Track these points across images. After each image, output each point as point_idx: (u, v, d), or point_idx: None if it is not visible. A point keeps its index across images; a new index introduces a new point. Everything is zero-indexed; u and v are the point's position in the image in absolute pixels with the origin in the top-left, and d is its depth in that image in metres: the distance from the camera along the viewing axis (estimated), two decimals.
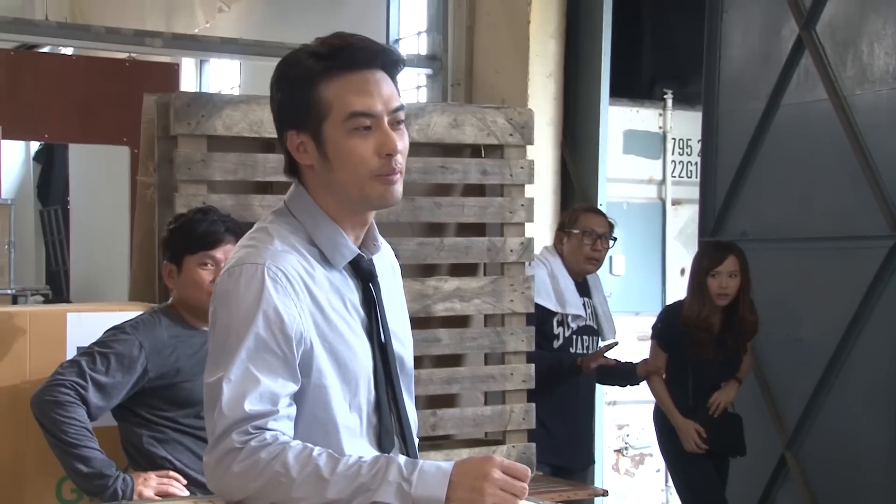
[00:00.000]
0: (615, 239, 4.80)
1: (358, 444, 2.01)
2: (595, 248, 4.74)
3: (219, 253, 3.30)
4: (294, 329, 1.95)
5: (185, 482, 3.18)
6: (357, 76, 2.01)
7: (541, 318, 4.73)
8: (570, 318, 4.83)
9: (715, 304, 4.69)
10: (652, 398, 4.98)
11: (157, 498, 3.06)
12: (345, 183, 2.01)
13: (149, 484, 3.12)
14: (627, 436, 6.88)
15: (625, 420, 6.88)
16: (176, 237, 3.38)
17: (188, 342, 3.29)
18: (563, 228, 4.85)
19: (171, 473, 3.19)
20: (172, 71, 6.97)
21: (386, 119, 2.01)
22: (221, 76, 11.23)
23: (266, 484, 1.88)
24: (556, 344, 4.86)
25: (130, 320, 3.31)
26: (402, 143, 2.03)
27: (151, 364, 3.20)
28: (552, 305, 4.77)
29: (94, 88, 6.34)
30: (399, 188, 2.05)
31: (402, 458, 1.88)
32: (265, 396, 1.92)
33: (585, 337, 4.76)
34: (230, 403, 1.92)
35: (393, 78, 2.05)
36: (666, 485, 7.10)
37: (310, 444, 1.91)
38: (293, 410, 1.96)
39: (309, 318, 1.98)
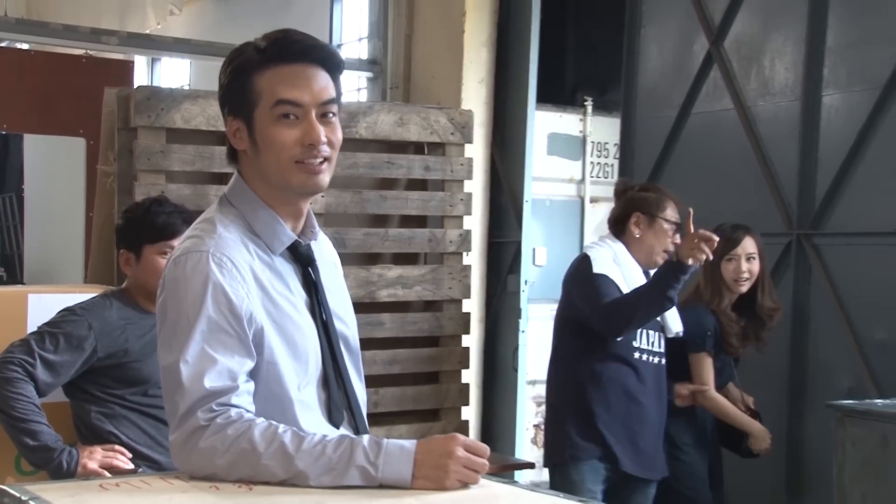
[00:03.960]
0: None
1: (311, 417, 1.98)
2: (674, 241, 3.83)
3: (176, 242, 3.21)
4: (244, 309, 1.91)
5: (129, 455, 3.14)
6: (290, 68, 1.97)
7: (611, 293, 3.75)
8: None
9: (732, 292, 4.01)
10: None
11: (100, 470, 3.03)
12: (270, 169, 1.98)
13: (94, 457, 3.07)
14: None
15: (542, 397, 6.95)
16: (134, 227, 3.32)
17: (138, 324, 3.24)
18: (649, 212, 3.83)
19: (116, 447, 3.14)
20: (127, 68, 6.86)
21: (314, 111, 1.97)
22: (172, 74, 11.15)
23: (234, 460, 1.83)
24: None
25: (82, 303, 3.26)
26: (333, 135, 2.00)
27: (100, 344, 3.16)
28: (623, 286, 3.79)
29: (52, 83, 6.23)
30: (324, 178, 2.01)
31: (366, 440, 1.84)
32: (224, 373, 1.87)
33: (651, 332, 3.84)
34: (190, 382, 1.86)
35: (332, 75, 2.02)
36: None
37: (274, 422, 1.86)
38: (252, 386, 1.92)
39: (257, 300, 1.95)
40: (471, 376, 5.80)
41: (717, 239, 3.49)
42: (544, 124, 7.07)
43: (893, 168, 4.27)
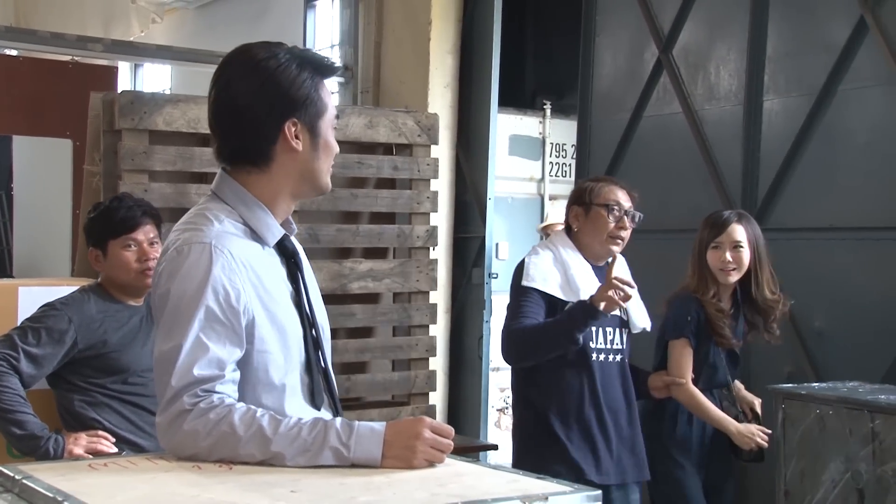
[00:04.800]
0: (640, 215, 3.50)
1: (296, 401, 2.00)
2: (620, 226, 3.44)
3: (139, 234, 3.26)
4: (241, 301, 1.93)
5: (113, 440, 3.14)
6: (326, 82, 2.09)
7: (548, 309, 3.40)
8: None
9: (719, 282, 3.61)
10: None
11: (86, 455, 3.01)
12: (319, 171, 2.06)
13: (79, 443, 3.07)
14: (508, 397, 6.96)
15: (505, 384, 6.98)
16: (97, 225, 3.31)
17: (115, 316, 3.23)
18: (582, 202, 3.48)
19: (100, 433, 3.13)
20: (111, 73, 6.87)
21: None
22: (154, 79, 11.11)
23: (215, 442, 1.84)
24: None
25: (61, 298, 3.25)
26: None
27: (80, 337, 3.15)
28: (561, 293, 3.39)
29: (40, 87, 6.22)
30: None
31: (338, 422, 1.85)
32: (213, 362, 1.89)
33: (609, 329, 3.44)
34: (181, 369, 1.87)
35: None
36: None
37: (252, 406, 1.88)
38: (237, 375, 1.94)
39: (251, 291, 1.96)
40: (438, 364, 5.82)
41: (634, 286, 3.19)
42: (506, 126, 7.12)
43: (829, 167, 4.31)
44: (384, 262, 5.24)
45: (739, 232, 3.60)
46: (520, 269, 3.42)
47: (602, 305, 3.16)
